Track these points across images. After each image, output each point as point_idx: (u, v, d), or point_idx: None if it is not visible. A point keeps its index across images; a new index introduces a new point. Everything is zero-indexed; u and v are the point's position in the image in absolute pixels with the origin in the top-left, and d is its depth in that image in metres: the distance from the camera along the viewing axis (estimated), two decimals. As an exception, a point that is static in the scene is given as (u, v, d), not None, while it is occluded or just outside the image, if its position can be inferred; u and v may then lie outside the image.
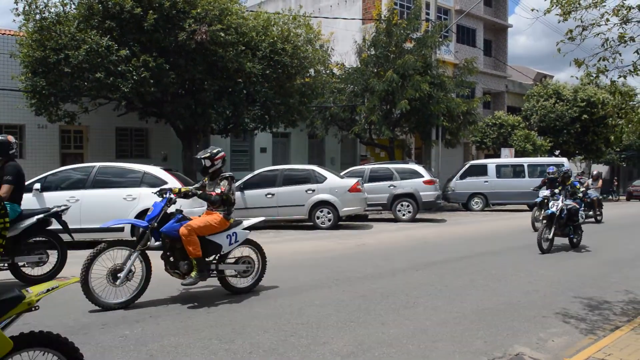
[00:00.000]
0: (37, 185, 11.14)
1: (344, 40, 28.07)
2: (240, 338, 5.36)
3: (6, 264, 7.53)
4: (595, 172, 20.86)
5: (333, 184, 15.56)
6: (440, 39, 24.22)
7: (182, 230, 6.56)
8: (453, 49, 32.71)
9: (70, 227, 11.11)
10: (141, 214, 11.23)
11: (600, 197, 19.14)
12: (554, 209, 11.04)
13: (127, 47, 14.29)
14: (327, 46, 22.66)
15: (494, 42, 39.71)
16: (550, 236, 11.05)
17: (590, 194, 18.07)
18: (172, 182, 11.54)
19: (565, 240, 11.89)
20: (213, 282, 7.33)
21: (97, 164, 11.86)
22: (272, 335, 5.47)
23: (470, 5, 31.89)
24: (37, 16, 14.46)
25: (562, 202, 11.28)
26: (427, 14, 29.45)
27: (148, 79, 14.18)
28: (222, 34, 14.92)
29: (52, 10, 14.71)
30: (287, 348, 5.10)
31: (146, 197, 11.27)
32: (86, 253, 10.74)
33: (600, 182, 20.13)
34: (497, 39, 39.77)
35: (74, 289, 7.36)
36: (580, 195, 11.84)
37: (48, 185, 11.30)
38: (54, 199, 11.15)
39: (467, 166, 24.31)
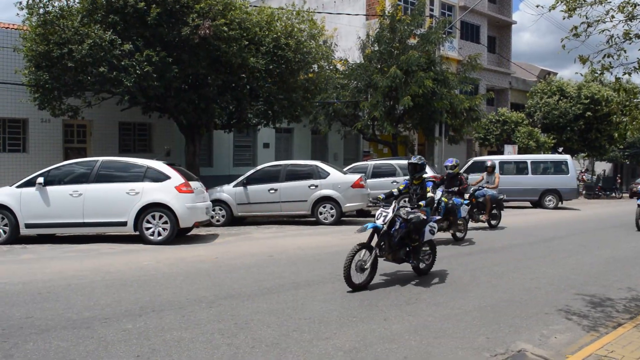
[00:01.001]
0: (41, 179, 11.18)
1: (347, 36, 28.01)
2: (243, 333, 5.37)
3: None
4: (489, 163, 16.00)
5: (336, 179, 15.55)
6: (444, 35, 24.14)
7: None
8: (457, 46, 32.63)
9: (73, 221, 11.24)
10: (144, 208, 11.26)
11: (501, 195, 15.11)
12: (379, 222, 7.45)
13: (130, 42, 14.27)
14: (331, 42, 22.60)
15: (497, 38, 39.62)
16: (368, 264, 7.21)
17: (484, 192, 14.62)
18: (175, 177, 11.55)
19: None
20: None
21: (101, 158, 11.87)
22: (274, 330, 5.48)
23: (474, 2, 31.79)
24: (41, 10, 14.44)
25: (395, 211, 7.55)
26: (431, 10, 29.38)
27: (151, 74, 14.16)
28: (226, 29, 14.88)
29: (56, 4, 14.68)
30: (289, 343, 5.11)
31: (149, 192, 11.30)
32: (86, 247, 10.82)
33: (497, 176, 15.47)
34: (501, 36, 39.67)
35: (75, 284, 7.41)
36: (423, 203, 7.88)
37: (51, 179, 11.33)
38: (57, 192, 11.20)
39: (470, 163, 24.25)
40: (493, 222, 14.82)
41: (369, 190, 16.51)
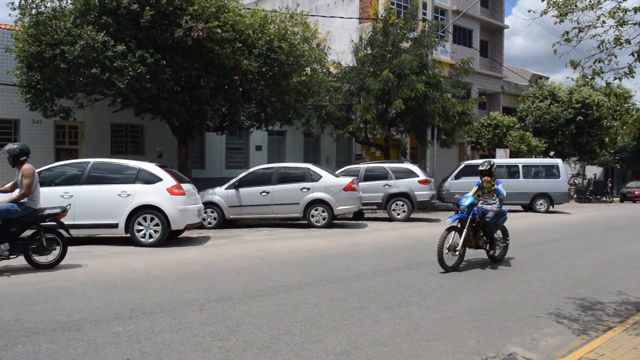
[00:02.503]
0: (31, 181, 11.07)
1: (340, 39, 28.05)
2: (234, 336, 5.36)
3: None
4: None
5: (328, 182, 15.57)
6: (437, 39, 24.22)
7: None
8: (449, 49, 32.77)
9: (64, 222, 11.12)
10: (136, 210, 11.22)
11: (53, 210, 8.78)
12: None
13: (123, 43, 14.23)
14: (324, 45, 22.64)
15: (490, 42, 39.82)
16: None
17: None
18: (167, 179, 11.51)
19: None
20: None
21: (92, 160, 11.82)
22: (265, 333, 5.47)
23: (467, 6, 31.92)
24: (33, 11, 14.37)
25: None
26: (424, 14, 29.46)
27: (144, 75, 14.13)
28: (219, 31, 14.87)
29: (48, 4, 14.63)
30: (280, 346, 5.10)
31: (141, 194, 11.27)
32: (77, 249, 10.74)
33: (26, 174, 8.38)
34: (493, 40, 39.88)
35: (66, 286, 7.37)
36: None
37: (42, 181, 11.19)
38: (47, 194, 11.12)
39: (462, 166, 24.35)
40: (41, 260, 8.51)
41: (361, 194, 16.56)
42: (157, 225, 11.24)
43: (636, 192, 38.03)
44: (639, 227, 17.93)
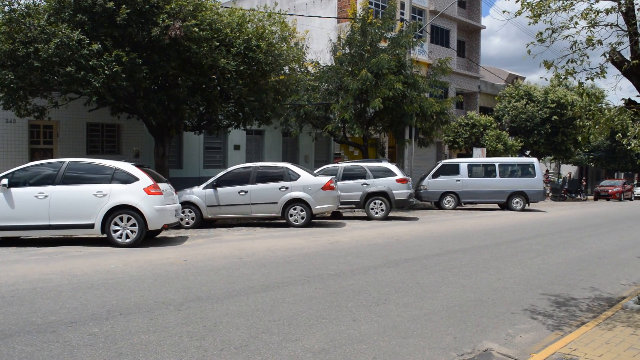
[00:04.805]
0: (5, 181, 10.92)
1: (319, 38, 28.09)
2: (211, 335, 5.34)
3: None
4: None
5: (306, 181, 15.57)
6: (415, 39, 24.38)
7: None
8: (427, 49, 33.00)
9: (38, 223, 11.00)
10: (112, 211, 11.11)
11: None
12: None
13: (98, 42, 14.07)
14: (302, 44, 22.64)
15: (467, 43, 40.20)
16: None
17: None
18: (144, 179, 11.41)
19: None
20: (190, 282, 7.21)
21: (67, 160, 11.64)
22: (243, 332, 5.46)
23: (444, 6, 32.17)
24: (6, 8, 14.13)
25: None
26: (402, 14, 29.62)
27: (120, 74, 13.98)
28: (197, 30, 14.78)
29: (22, 2, 14.41)
30: (258, 345, 5.10)
31: (117, 194, 11.15)
32: (52, 250, 10.61)
33: None
34: (470, 40, 40.26)
35: (41, 287, 7.27)
36: None
37: (16, 181, 11.09)
38: (21, 194, 10.96)
39: (439, 165, 24.56)
40: None
41: (340, 193, 16.61)
42: (133, 225, 11.13)
43: (609, 191, 38.79)
44: (611, 224, 18.26)
